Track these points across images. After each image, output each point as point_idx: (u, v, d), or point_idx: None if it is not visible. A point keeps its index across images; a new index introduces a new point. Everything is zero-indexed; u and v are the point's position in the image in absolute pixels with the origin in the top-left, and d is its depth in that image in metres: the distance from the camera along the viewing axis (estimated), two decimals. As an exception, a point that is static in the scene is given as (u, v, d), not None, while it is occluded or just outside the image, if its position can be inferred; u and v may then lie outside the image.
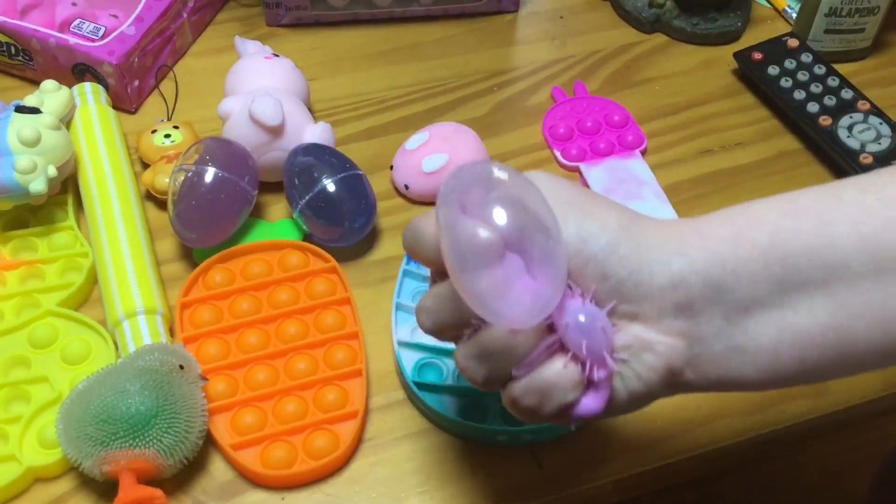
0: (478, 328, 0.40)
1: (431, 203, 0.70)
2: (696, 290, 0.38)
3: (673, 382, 0.40)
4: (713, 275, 0.38)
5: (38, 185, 0.62)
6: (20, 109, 0.64)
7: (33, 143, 0.62)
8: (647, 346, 0.39)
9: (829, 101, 0.76)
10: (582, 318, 0.38)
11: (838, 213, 0.38)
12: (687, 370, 0.39)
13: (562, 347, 0.39)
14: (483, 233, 0.37)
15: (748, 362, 0.38)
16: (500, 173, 0.38)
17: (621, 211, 0.40)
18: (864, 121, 0.74)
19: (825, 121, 0.75)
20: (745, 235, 0.39)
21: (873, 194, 0.38)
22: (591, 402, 0.40)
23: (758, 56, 0.80)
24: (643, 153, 0.75)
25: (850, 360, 0.39)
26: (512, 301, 0.37)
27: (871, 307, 0.37)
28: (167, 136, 0.71)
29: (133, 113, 0.77)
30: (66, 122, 0.69)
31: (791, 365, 0.38)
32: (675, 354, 0.39)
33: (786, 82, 0.78)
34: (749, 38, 0.85)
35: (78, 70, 0.75)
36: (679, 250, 0.39)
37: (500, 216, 0.37)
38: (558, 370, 0.39)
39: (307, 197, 0.65)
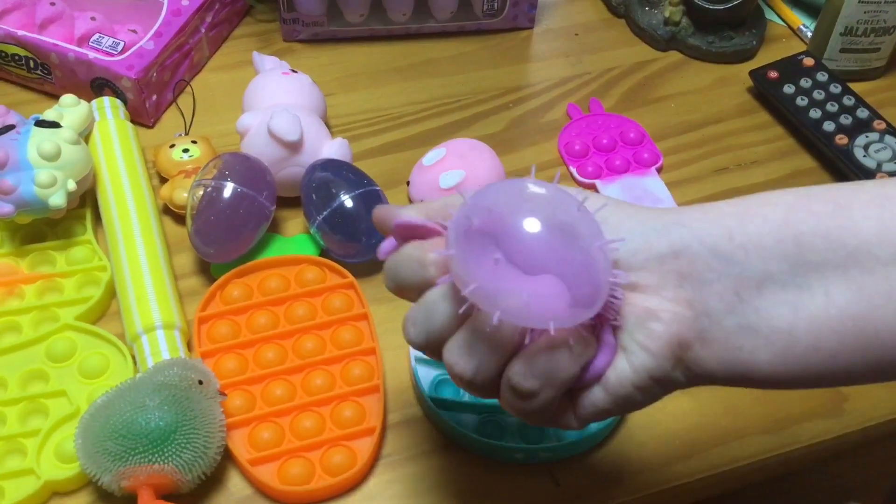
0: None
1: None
2: (700, 259, 0.37)
3: (683, 358, 0.37)
4: (719, 246, 0.37)
5: (57, 199, 0.62)
6: (40, 124, 0.65)
7: (53, 157, 0.63)
8: (650, 314, 0.37)
9: (845, 120, 0.76)
10: None
11: (856, 201, 0.37)
12: (696, 345, 0.37)
13: None
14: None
15: (762, 345, 0.36)
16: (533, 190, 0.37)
17: (617, 200, 0.40)
18: (881, 140, 0.75)
19: (841, 140, 0.75)
20: (754, 212, 0.37)
21: (894, 188, 0.37)
22: (600, 361, 0.37)
23: (773, 74, 0.80)
24: (659, 171, 0.75)
25: (870, 354, 0.36)
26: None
27: (894, 297, 0.35)
28: (185, 150, 0.71)
29: (151, 127, 0.78)
30: (84, 136, 0.69)
31: (807, 353, 0.36)
32: (682, 323, 0.37)
33: (801, 101, 0.78)
34: (764, 57, 0.85)
35: (97, 84, 0.76)
36: (678, 221, 0.38)
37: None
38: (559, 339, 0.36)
39: (324, 212, 0.65)
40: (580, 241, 0.36)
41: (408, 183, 0.72)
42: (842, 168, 0.75)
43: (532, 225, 0.36)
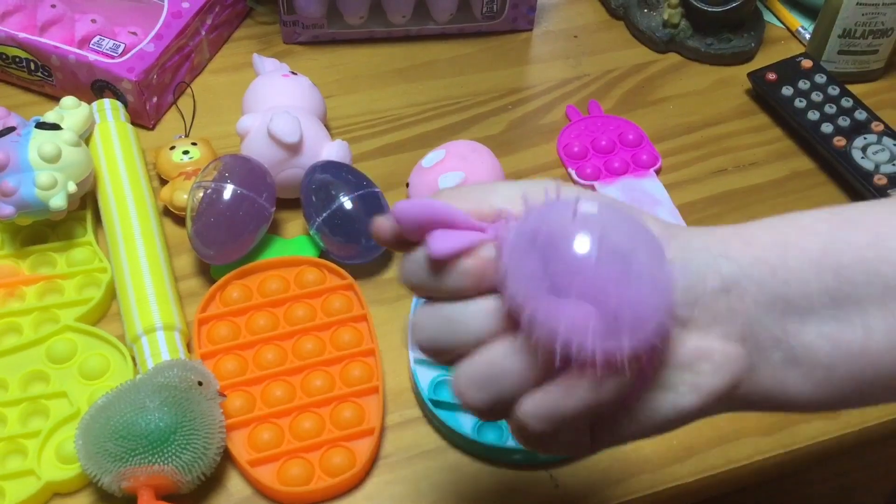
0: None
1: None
2: (749, 295, 0.35)
3: (730, 396, 0.36)
4: (765, 282, 0.35)
5: (58, 201, 0.63)
6: (41, 126, 0.65)
7: (54, 159, 0.63)
8: (702, 354, 0.35)
9: (843, 121, 0.76)
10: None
11: (891, 228, 0.36)
12: (744, 382, 0.36)
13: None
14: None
15: (804, 378, 0.36)
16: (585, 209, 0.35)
17: (656, 218, 0.38)
18: (878, 142, 0.75)
19: (839, 141, 0.75)
20: (794, 244, 0.36)
21: None
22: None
23: (772, 76, 0.80)
24: (657, 172, 0.76)
25: None
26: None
27: None
28: (185, 152, 0.72)
29: (151, 129, 0.78)
30: (85, 138, 0.69)
31: (845, 383, 0.36)
32: (734, 363, 0.36)
33: (800, 103, 0.78)
34: (763, 59, 0.86)
35: (97, 86, 0.76)
36: (725, 254, 0.36)
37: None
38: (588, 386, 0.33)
39: (324, 214, 0.65)
40: (639, 269, 0.34)
41: (407, 185, 0.72)
42: (840, 170, 0.75)
43: (583, 246, 0.33)
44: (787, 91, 0.79)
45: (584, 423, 0.36)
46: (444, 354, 0.36)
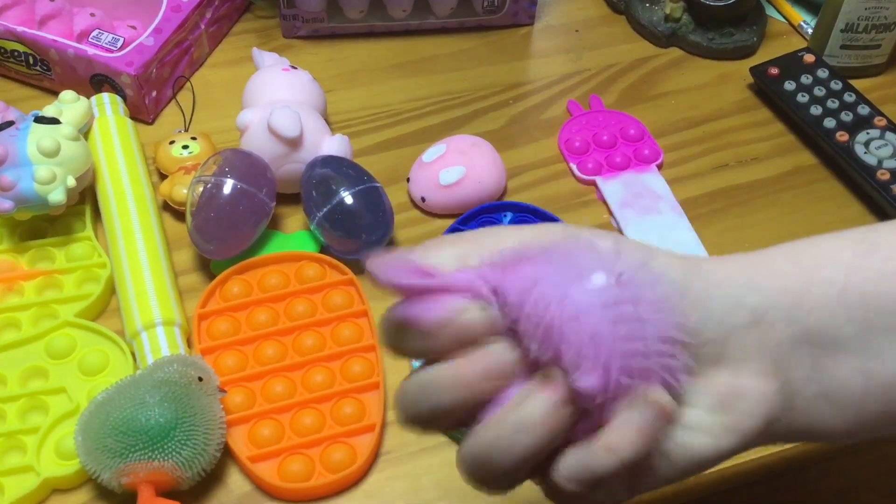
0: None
1: (448, 216, 0.71)
2: (778, 327, 0.35)
3: (767, 432, 0.35)
4: (792, 312, 0.35)
5: (57, 196, 0.62)
6: (39, 120, 0.65)
7: (53, 153, 0.62)
8: (739, 393, 0.34)
9: (846, 116, 0.76)
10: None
11: None
12: (781, 419, 0.35)
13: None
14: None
15: (836, 411, 0.35)
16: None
17: (675, 253, 0.36)
18: (881, 137, 0.74)
19: (842, 136, 0.74)
20: (816, 274, 0.35)
21: None
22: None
23: (774, 71, 0.80)
24: (659, 167, 0.75)
25: None
26: None
27: None
28: (185, 147, 0.71)
29: (150, 124, 0.78)
30: (84, 132, 0.69)
31: (877, 417, 0.35)
32: (769, 399, 0.35)
33: (802, 97, 0.78)
34: (765, 54, 0.85)
35: (96, 80, 0.75)
36: (749, 285, 0.35)
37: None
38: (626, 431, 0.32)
39: (325, 209, 0.65)
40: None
41: (408, 179, 0.72)
42: (842, 165, 0.74)
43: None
44: (789, 86, 0.79)
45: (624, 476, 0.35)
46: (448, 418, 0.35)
